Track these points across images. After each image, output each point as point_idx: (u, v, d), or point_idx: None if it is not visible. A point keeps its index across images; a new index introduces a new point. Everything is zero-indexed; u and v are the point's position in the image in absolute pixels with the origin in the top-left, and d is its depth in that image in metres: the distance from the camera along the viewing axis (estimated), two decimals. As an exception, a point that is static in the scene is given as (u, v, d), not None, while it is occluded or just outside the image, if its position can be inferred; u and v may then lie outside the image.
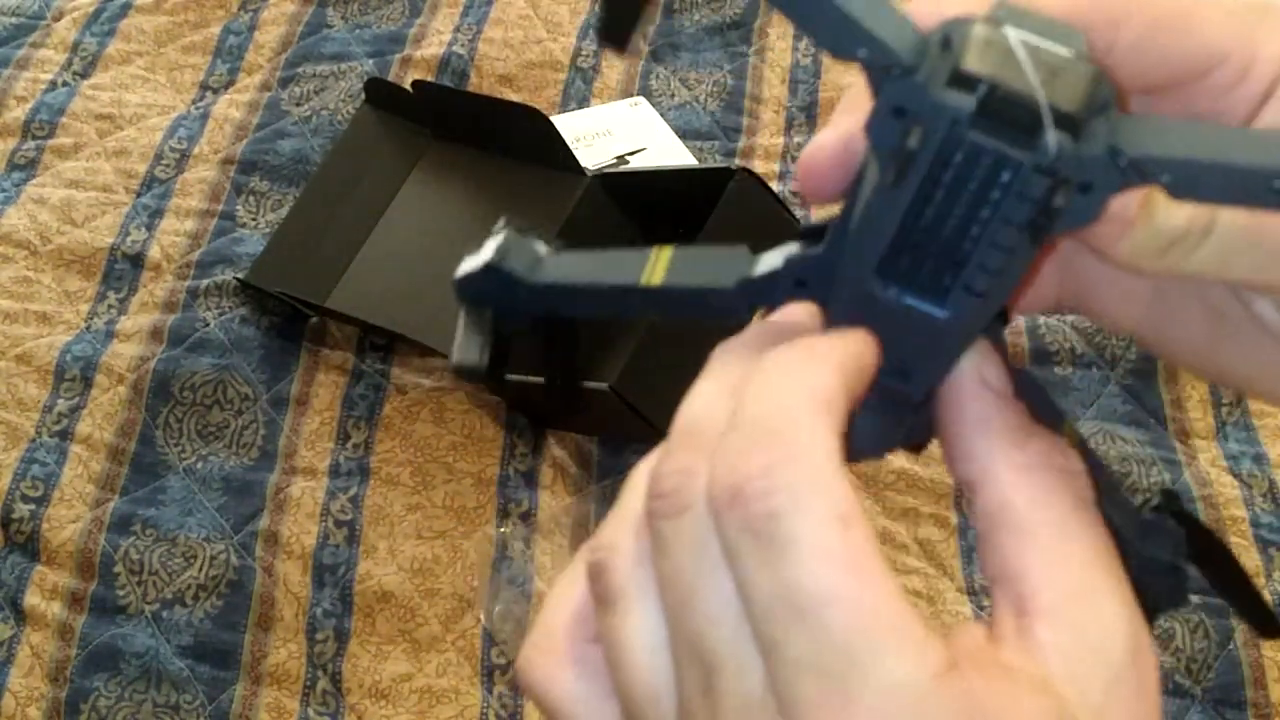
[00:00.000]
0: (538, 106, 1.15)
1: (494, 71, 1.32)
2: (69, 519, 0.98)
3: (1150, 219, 0.26)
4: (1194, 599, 0.91)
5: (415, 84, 1.18)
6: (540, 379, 1.03)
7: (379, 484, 1.00)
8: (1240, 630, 0.90)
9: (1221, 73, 0.28)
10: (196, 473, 1.01)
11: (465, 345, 0.34)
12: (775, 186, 1.19)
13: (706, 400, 0.28)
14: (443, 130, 1.19)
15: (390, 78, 1.30)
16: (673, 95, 1.29)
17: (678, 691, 0.26)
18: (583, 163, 1.10)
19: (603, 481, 0.99)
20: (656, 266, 0.31)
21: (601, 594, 0.28)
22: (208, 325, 1.10)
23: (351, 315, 1.07)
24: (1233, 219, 0.27)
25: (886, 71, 0.25)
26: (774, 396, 0.26)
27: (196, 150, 1.25)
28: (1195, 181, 0.25)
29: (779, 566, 0.24)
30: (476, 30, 1.36)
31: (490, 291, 0.34)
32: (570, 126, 1.23)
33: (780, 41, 1.34)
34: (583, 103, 1.29)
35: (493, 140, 1.15)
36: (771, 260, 0.30)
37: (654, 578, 0.27)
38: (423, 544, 0.96)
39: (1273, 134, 0.25)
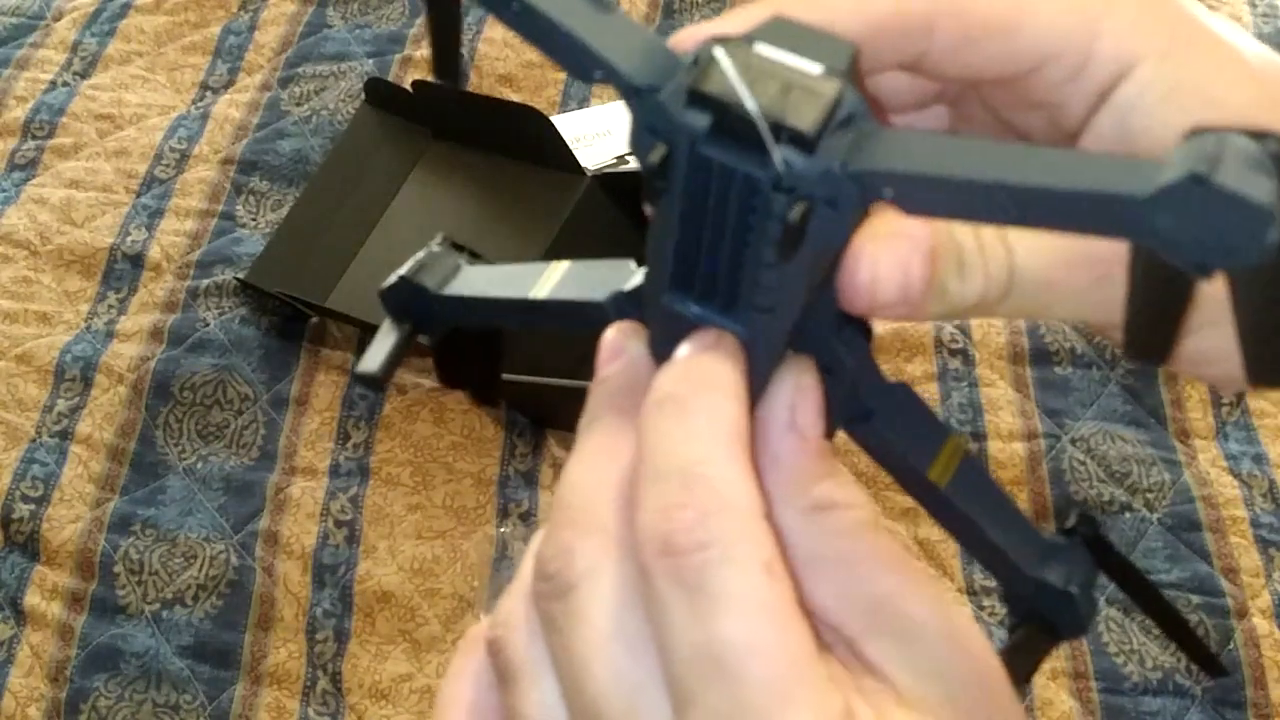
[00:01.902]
0: (538, 106, 1.15)
1: (494, 71, 1.32)
2: (69, 519, 0.98)
3: (943, 294, 0.27)
4: (1194, 599, 0.91)
5: (415, 84, 1.18)
6: (539, 378, 1.03)
7: (379, 484, 1.00)
8: (1240, 630, 0.90)
9: (1053, 69, 0.28)
10: (196, 473, 1.01)
11: (370, 355, 0.34)
12: (775, 186, 1.19)
13: (582, 473, 0.28)
14: (443, 130, 1.19)
15: (390, 78, 1.30)
16: (673, 95, 1.29)
17: None
18: (583, 163, 1.10)
19: (603, 481, 0.99)
20: (547, 280, 0.32)
21: (501, 670, 0.28)
22: (208, 325, 1.10)
23: (351, 315, 1.07)
24: (1030, 276, 0.27)
25: (636, 92, 0.26)
26: (685, 441, 0.26)
27: (196, 150, 1.25)
28: (919, 196, 0.24)
29: (707, 619, 0.24)
30: (476, 30, 1.36)
31: (407, 303, 0.35)
32: (570, 126, 1.23)
33: (780, 41, 1.34)
34: (583, 103, 1.29)
35: (493, 140, 1.15)
36: (641, 275, 0.31)
37: (548, 653, 0.27)
38: (423, 544, 0.96)
39: (1015, 149, 0.25)
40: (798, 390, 0.27)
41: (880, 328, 1.08)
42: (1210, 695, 0.87)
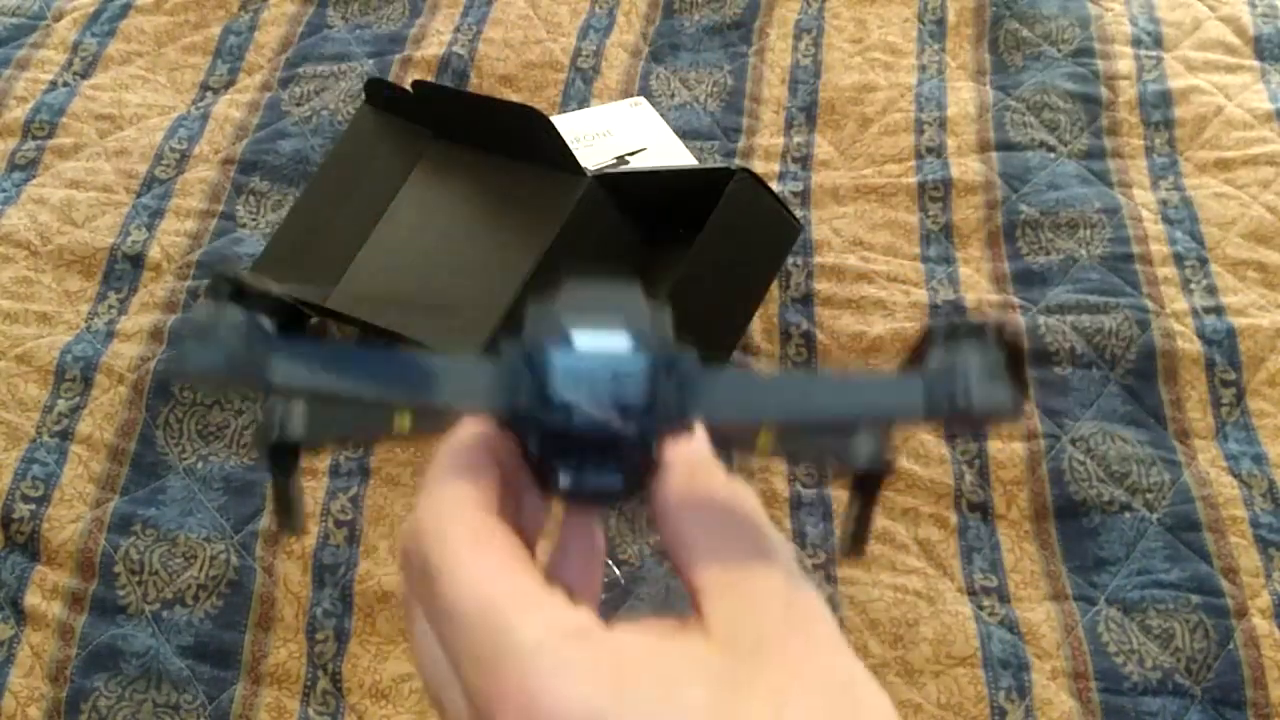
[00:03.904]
0: (538, 106, 1.15)
1: (494, 71, 1.32)
2: (69, 519, 0.98)
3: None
4: (1194, 599, 0.91)
5: (415, 84, 1.18)
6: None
7: (379, 484, 1.00)
8: (1240, 630, 0.90)
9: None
10: (197, 473, 1.01)
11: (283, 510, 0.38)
12: (775, 186, 1.19)
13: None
14: (443, 130, 1.19)
15: (390, 78, 1.30)
16: (673, 95, 1.29)
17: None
18: (583, 163, 1.10)
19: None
20: (402, 420, 0.37)
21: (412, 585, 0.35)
22: (208, 325, 1.09)
23: (351, 315, 1.07)
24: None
25: (493, 414, 0.34)
26: (428, 502, 0.34)
27: (197, 150, 1.25)
28: (730, 425, 0.35)
29: (433, 590, 0.32)
30: (476, 30, 1.36)
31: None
32: (570, 126, 1.23)
33: (780, 41, 1.34)
34: (583, 103, 1.29)
35: (493, 140, 1.15)
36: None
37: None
38: (423, 544, 0.96)
39: (799, 383, 0.36)
40: (675, 471, 0.35)
41: (880, 328, 1.08)
42: (1210, 695, 0.87)
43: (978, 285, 1.12)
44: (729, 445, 0.37)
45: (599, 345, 0.33)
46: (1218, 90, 1.27)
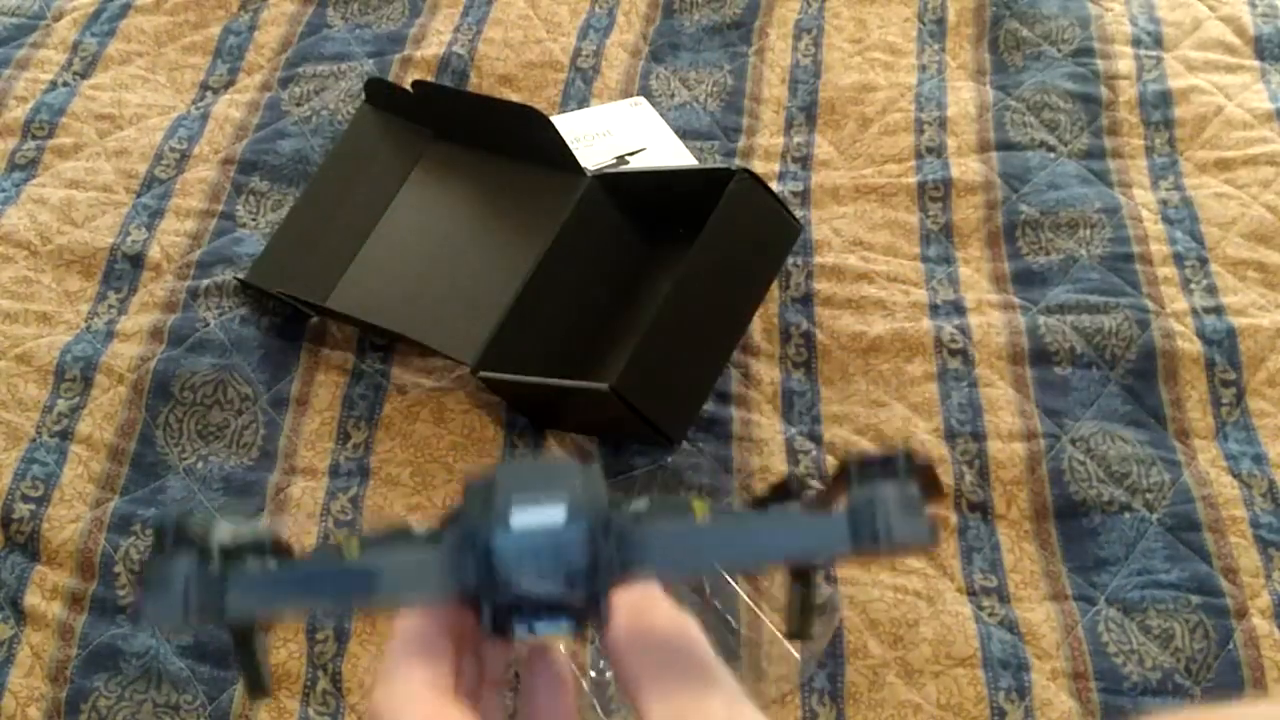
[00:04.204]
0: (538, 106, 1.15)
1: (494, 71, 1.32)
2: (69, 519, 0.98)
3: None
4: (1193, 599, 0.91)
5: (415, 84, 1.18)
6: (538, 379, 1.03)
7: (379, 484, 1.00)
8: (1240, 630, 0.90)
9: None
10: (196, 473, 1.01)
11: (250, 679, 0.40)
12: (775, 186, 1.19)
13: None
14: (443, 130, 1.19)
15: (390, 78, 1.30)
16: (673, 95, 1.29)
17: None
18: (583, 163, 1.10)
19: (603, 481, 0.99)
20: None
21: None
22: (208, 325, 1.10)
23: (351, 315, 1.07)
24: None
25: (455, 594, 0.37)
26: (385, 683, 0.37)
27: (196, 150, 1.25)
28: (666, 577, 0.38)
29: None
30: (476, 30, 1.36)
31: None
32: (570, 126, 1.23)
33: (780, 42, 1.34)
34: (583, 103, 1.29)
35: (493, 140, 1.15)
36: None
37: None
38: (423, 544, 0.96)
39: (729, 531, 0.38)
40: (625, 609, 0.38)
41: (880, 328, 1.08)
42: (1210, 695, 0.87)
43: (978, 285, 1.12)
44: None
45: (536, 520, 0.36)
46: (1218, 90, 1.27)
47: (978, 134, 1.24)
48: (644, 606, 0.38)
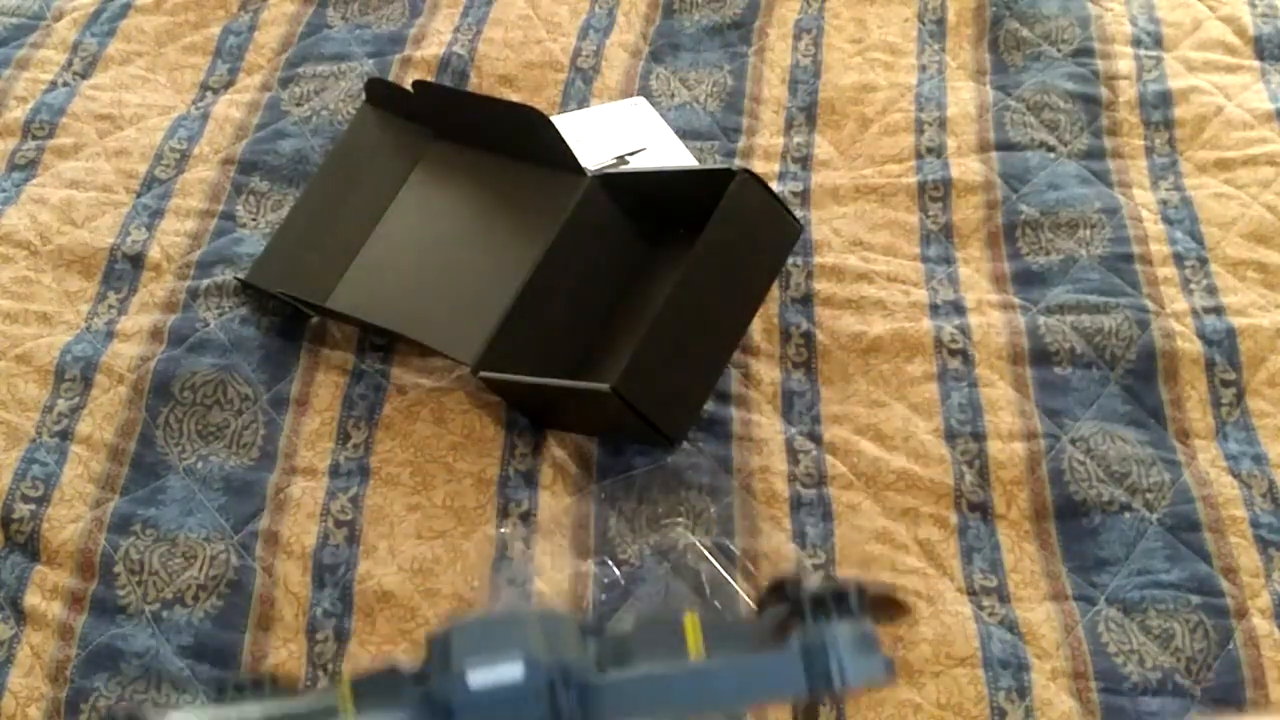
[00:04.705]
0: (538, 106, 1.15)
1: (494, 71, 1.32)
2: (69, 519, 0.98)
3: None
4: (1193, 599, 0.91)
5: (415, 84, 1.18)
6: (539, 379, 1.03)
7: (379, 484, 1.00)
8: (1240, 630, 0.90)
9: None
10: (196, 473, 1.01)
11: None
12: (775, 186, 1.19)
13: None
14: (443, 130, 1.19)
15: (390, 78, 1.30)
16: (673, 95, 1.30)
17: None
18: (583, 163, 1.10)
19: (603, 481, 0.99)
20: None
21: None
22: (208, 325, 1.10)
23: (351, 315, 1.07)
24: None
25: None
26: None
27: (196, 150, 1.25)
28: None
29: None
30: (476, 30, 1.36)
31: None
32: (570, 126, 1.23)
33: (780, 42, 1.35)
34: (583, 103, 1.29)
35: (493, 140, 1.15)
36: None
37: None
38: (423, 544, 0.96)
39: (696, 675, 0.39)
40: None
41: (880, 328, 1.08)
42: (1210, 695, 0.87)
43: (978, 285, 1.12)
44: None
45: (494, 679, 0.37)
46: (1218, 90, 1.27)
47: (978, 134, 1.24)
48: None
